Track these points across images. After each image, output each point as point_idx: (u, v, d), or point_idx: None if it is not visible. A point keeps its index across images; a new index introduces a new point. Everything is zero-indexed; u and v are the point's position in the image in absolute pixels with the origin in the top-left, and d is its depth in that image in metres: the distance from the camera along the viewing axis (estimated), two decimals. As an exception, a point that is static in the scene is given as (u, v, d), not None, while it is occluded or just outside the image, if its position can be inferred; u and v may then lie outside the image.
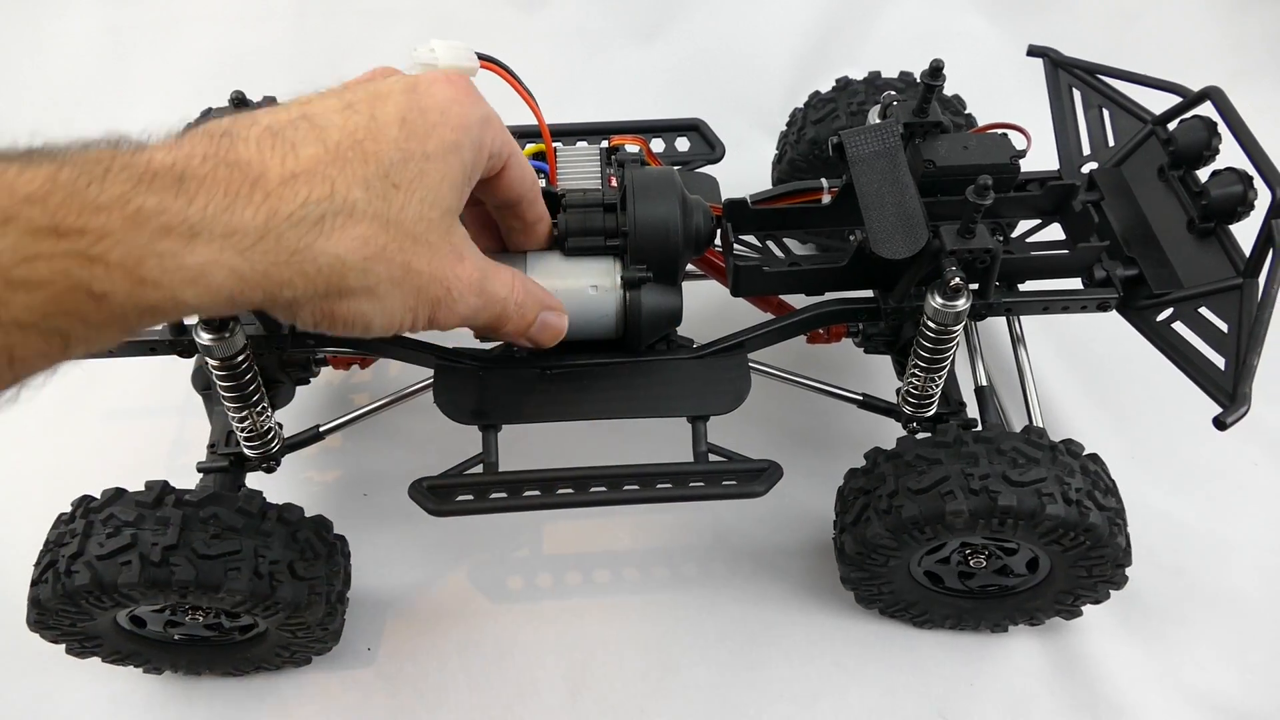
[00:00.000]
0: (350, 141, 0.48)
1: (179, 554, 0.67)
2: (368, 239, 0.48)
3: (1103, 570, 0.74)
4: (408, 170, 0.50)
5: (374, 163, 0.49)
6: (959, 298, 0.65)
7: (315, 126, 0.48)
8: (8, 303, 0.38)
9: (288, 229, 0.45)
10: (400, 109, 0.51)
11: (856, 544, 0.74)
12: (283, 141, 0.47)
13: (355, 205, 0.48)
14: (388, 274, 0.50)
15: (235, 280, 0.44)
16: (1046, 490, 0.68)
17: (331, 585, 0.76)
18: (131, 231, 0.41)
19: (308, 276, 0.47)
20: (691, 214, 0.68)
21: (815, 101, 0.98)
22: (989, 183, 0.62)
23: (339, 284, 0.49)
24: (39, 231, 0.38)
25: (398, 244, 0.50)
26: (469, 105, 0.54)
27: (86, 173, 0.40)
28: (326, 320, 0.50)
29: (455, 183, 0.54)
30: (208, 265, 0.43)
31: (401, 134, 0.50)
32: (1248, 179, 0.71)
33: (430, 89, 0.53)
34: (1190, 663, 0.84)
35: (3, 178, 0.38)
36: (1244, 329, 0.67)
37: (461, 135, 0.53)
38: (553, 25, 1.30)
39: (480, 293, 0.57)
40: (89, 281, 0.40)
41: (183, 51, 1.28)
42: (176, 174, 0.42)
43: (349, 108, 0.50)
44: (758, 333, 0.73)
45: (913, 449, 0.72)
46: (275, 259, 0.45)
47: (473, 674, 0.84)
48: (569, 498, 0.69)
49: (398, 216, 0.50)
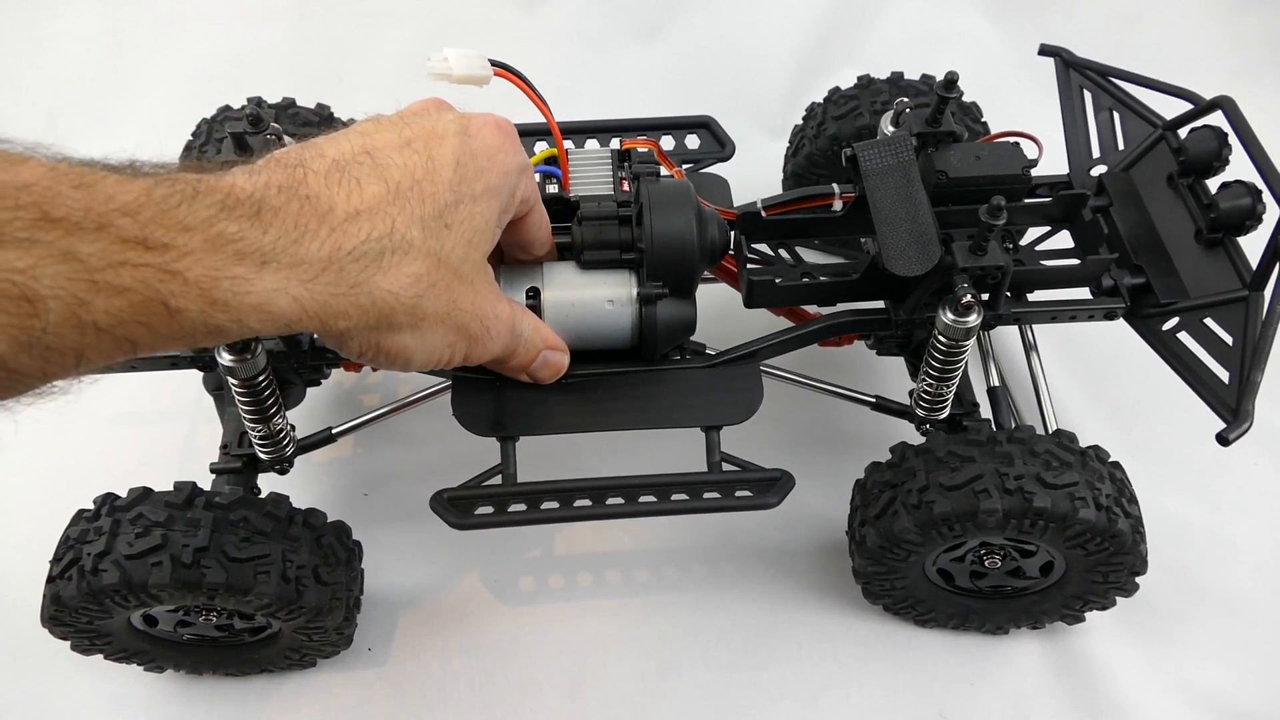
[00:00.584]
0: (410, 181, 0.52)
1: (210, 556, 0.67)
2: (420, 276, 0.52)
3: (1118, 577, 0.75)
4: (459, 212, 0.54)
5: (430, 203, 0.52)
6: (970, 314, 0.66)
7: (378, 165, 0.52)
8: (90, 304, 0.40)
9: (349, 263, 0.48)
10: (455, 152, 0.54)
11: (879, 537, 0.74)
12: (348, 178, 0.50)
13: (412, 244, 0.51)
14: (434, 309, 0.53)
15: (296, 308, 0.47)
16: (1079, 495, 0.68)
17: (350, 590, 0.77)
18: (210, 254, 0.43)
19: (362, 309, 0.50)
20: (706, 227, 0.68)
21: (837, 97, 0.98)
22: (1002, 204, 0.62)
23: (389, 318, 0.51)
24: (129, 241, 0.41)
25: (445, 282, 0.53)
26: (511, 154, 0.58)
27: (178, 193, 0.43)
28: (372, 351, 0.53)
29: (493, 224, 0.57)
30: (275, 292, 0.46)
31: (455, 177, 0.54)
32: (1257, 193, 0.72)
33: (481, 133, 0.57)
34: (1190, 663, 0.85)
35: (102, 185, 0.41)
36: (1248, 343, 0.68)
37: (503, 181, 0.57)
38: (553, 25, 1.30)
39: (511, 332, 0.60)
40: (167, 295, 0.42)
41: (183, 51, 1.27)
42: (255, 203, 0.45)
43: (408, 145, 0.53)
44: (770, 342, 0.74)
45: (945, 445, 0.73)
46: (335, 290, 0.48)
47: (475, 674, 0.84)
48: (587, 510, 0.70)
49: (449, 255, 0.53)
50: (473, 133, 0.56)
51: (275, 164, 0.49)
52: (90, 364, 0.42)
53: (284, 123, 0.91)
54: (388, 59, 1.27)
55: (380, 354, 0.54)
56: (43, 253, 0.38)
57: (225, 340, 0.47)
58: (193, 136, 0.95)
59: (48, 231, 0.38)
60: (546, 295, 0.67)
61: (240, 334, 0.46)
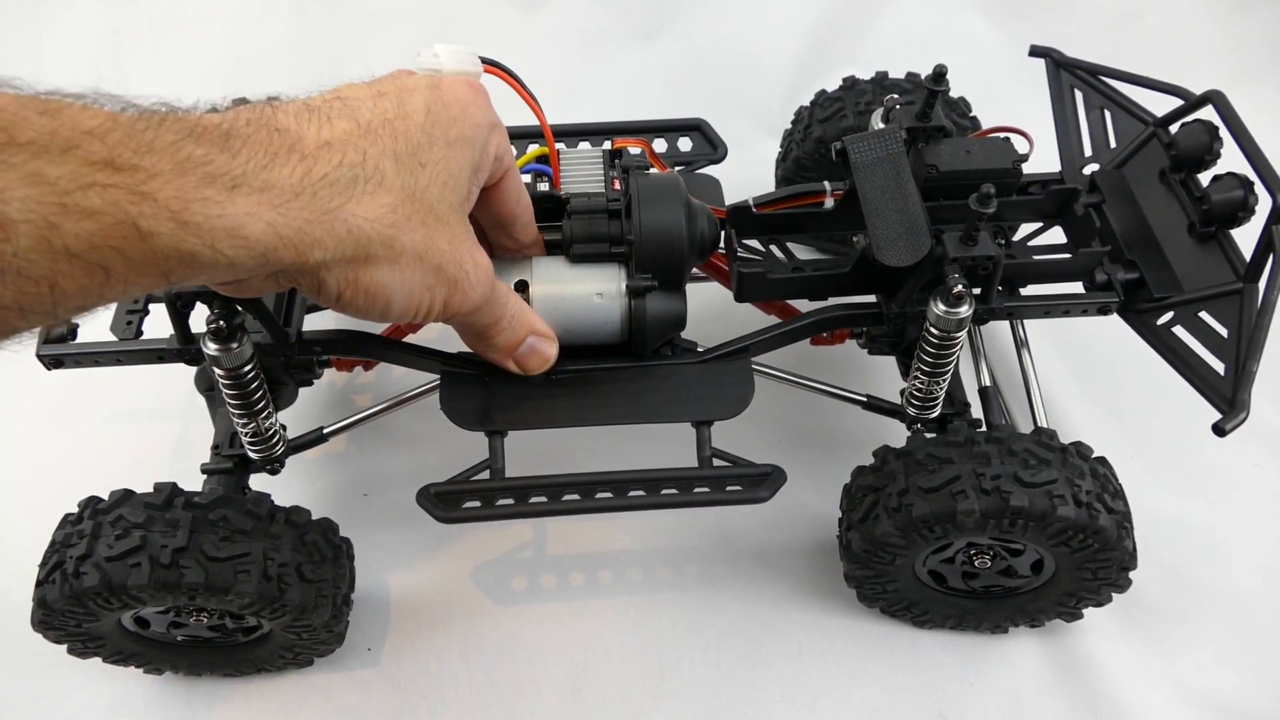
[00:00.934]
0: (381, 120, 0.52)
1: (189, 556, 0.67)
2: (395, 207, 0.52)
3: (1108, 573, 0.74)
4: (433, 152, 0.54)
5: (403, 140, 0.53)
6: (962, 304, 0.66)
7: (348, 106, 0.52)
8: (60, 228, 0.39)
9: (322, 188, 0.49)
10: (426, 100, 0.55)
11: (864, 541, 0.74)
12: (318, 115, 0.51)
13: (385, 175, 0.51)
14: (411, 245, 0.53)
15: (270, 234, 0.47)
16: (1058, 492, 0.68)
17: (338, 588, 0.77)
18: (179, 175, 0.43)
19: (338, 237, 0.50)
20: (696, 220, 0.68)
21: (822, 100, 0.98)
22: (992, 191, 0.62)
23: (366, 249, 0.51)
24: (96, 163, 0.40)
25: (421, 217, 0.53)
26: (483, 109, 0.59)
27: (144, 118, 0.43)
28: (350, 289, 0.53)
29: (468, 174, 0.57)
30: (246, 216, 0.46)
31: (427, 121, 0.54)
32: (1248, 184, 0.72)
33: (452, 88, 0.58)
34: (1190, 663, 0.84)
35: (67, 112, 0.40)
36: (1244, 334, 0.68)
37: (475, 132, 0.57)
38: (553, 25, 1.30)
39: (491, 284, 0.60)
40: (137, 217, 0.42)
41: (183, 51, 1.27)
42: (223, 131, 0.46)
43: (379, 95, 0.54)
44: (761, 338, 0.74)
45: (923, 447, 0.73)
46: (309, 216, 0.48)
47: (473, 674, 0.84)
48: (575, 504, 0.70)
49: (423, 192, 0.53)
50: (444, 87, 0.57)
51: (243, 106, 0.49)
52: (65, 296, 0.41)
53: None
54: (388, 59, 1.25)
55: (359, 292, 0.53)
56: (11, 176, 0.38)
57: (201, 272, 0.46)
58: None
59: (14, 154, 0.38)
60: (535, 289, 0.67)
61: (214, 261, 0.45)
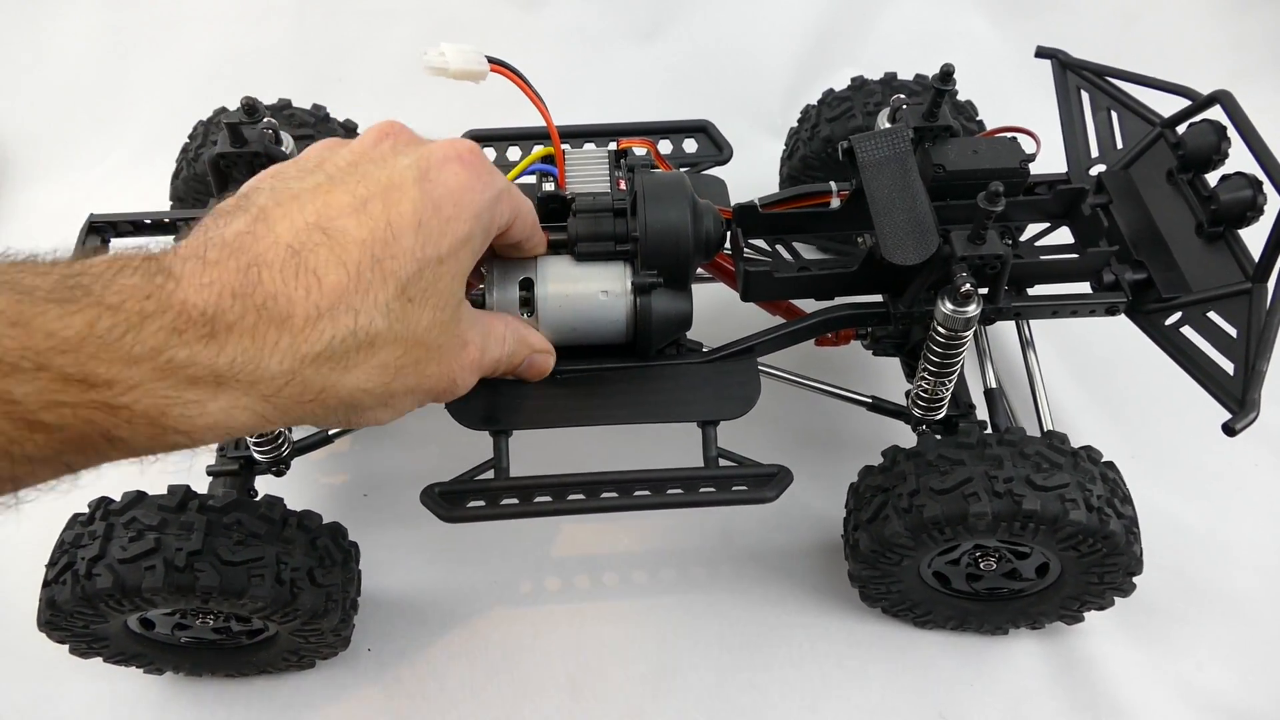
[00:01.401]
0: (370, 260, 0.48)
1: (204, 560, 0.67)
2: (387, 364, 0.50)
3: (1114, 578, 0.74)
4: (423, 280, 0.50)
5: (393, 281, 0.49)
6: (969, 304, 0.65)
7: (334, 244, 0.47)
8: (24, 441, 0.38)
9: (313, 372, 0.46)
10: (416, 208, 0.50)
11: (872, 541, 0.74)
12: (305, 270, 0.46)
13: (377, 335, 0.49)
14: (403, 387, 0.52)
15: (257, 420, 0.45)
16: (1070, 496, 0.68)
17: (346, 592, 0.77)
18: (160, 382, 0.41)
19: (329, 408, 0.49)
20: (702, 219, 0.68)
21: (830, 99, 0.98)
22: (1000, 189, 0.62)
23: (358, 407, 0.50)
24: (68, 380, 0.38)
25: (413, 359, 0.51)
26: (480, 190, 0.53)
27: (123, 321, 0.40)
28: (341, 425, 0.53)
29: (464, 272, 0.54)
30: (232, 410, 0.44)
31: (417, 242, 0.50)
32: (1257, 184, 0.72)
33: (442, 175, 0.52)
34: (1190, 663, 0.84)
35: (40, 321, 0.38)
36: (1253, 334, 0.67)
37: (473, 226, 0.53)
38: (553, 25, 1.30)
39: (479, 369, 0.58)
40: (109, 428, 0.40)
41: (183, 51, 1.27)
42: (208, 320, 0.43)
43: (364, 209, 0.49)
44: (767, 337, 0.73)
45: (935, 449, 0.72)
46: (300, 399, 0.46)
47: (475, 675, 0.84)
48: (580, 504, 0.69)
49: (414, 331, 0.51)
50: (433, 177, 0.51)
51: (229, 256, 0.45)
52: (27, 486, 0.40)
53: (280, 123, 0.90)
54: (388, 59, 1.27)
55: (350, 426, 0.53)
56: None
57: (176, 450, 0.45)
58: (189, 139, 0.95)
59: None
60: (540, 288, 0.67)
61: (192, 446, 0.44)
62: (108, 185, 1.21)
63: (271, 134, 0.75)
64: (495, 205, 0.55)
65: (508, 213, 0.58)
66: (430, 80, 0.67)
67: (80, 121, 1.25)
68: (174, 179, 0.95)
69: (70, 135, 1.24)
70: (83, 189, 1.20)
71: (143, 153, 1.23)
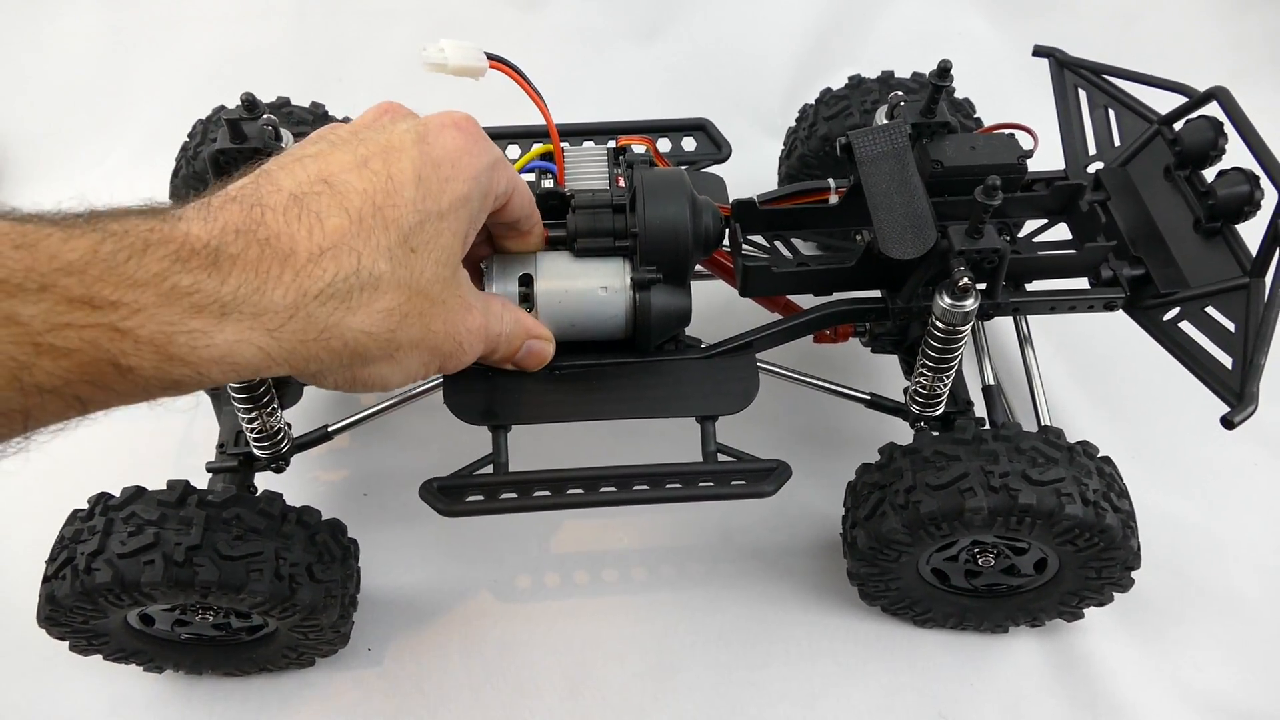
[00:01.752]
0: (371, 208, 0.49)
1: (202, 554, 0.67)
2: (391, 310, 0.50)
3: (1112, 573, 0.74)
4: (425, 232, 0.51)
5: (395, 229, 0.50)
6: (967, 298, 0.65)
7: (336, 193, 0.49)
8: (32, 367, 0.38)
9: (316, 307, 0.46)
10: (415, 165, 0.51)
11: (869, 538, 0.74)
12: (308, 213, 0.47)
13: (380, 277, 0.49)
14: (408, 338, 0.52)
15: (262, 357, 0.45)
16: (1065, 490, 0.68)
17: (345, 588, 0.77)
18: (164, 308, 0.41)
19: (334, 351, 0.48)
20: (701, 215, 0.68)
21: (828, 98, 0.98)
22: (997, 183, 0.62)
23: (363, 354, 0.50)
24: (74, 301, 0.39)
25: (417, 309, 0.52)
26: (477, 154, 0.55)
27: (127, 247, 0.40)
28: (348, 384, 0.52)
29: (463, 235, 0.55)
30: (237, 344, 0.44)
31: (418, 194, 0.51)
32: (1254, 179, 0.72)
33: (440, 138, 0.53)
34: (1190, 663, 0.84)
35: (45, 244, 0.39)
36: (1251, 328, 0.68)
37: (471, 187, 0.54)
38: (553, 25, 1.30)
39: (485, 338, 0.59)
40: (117, 355, 0.40)
41: (183, 51, 1.27)
42: (212, 251, 0.43)
43: (365, 165, 0.50)
44: (766, 333, 0.73)
45: (931, 445, 0.72)
46: (304, 336, 0.47)
47: (474, 673, 0.84)
48: (579, 498, 0.69)
49: (417, 281, 0.51)
50: (431, 140, 0.53)
51: (231, 202, 0.46)
52: (39, 424, 0.40)
53: (279, 121, 0.91)
54: (388, 59, 1.28)
55: (357, 384, 0.52)
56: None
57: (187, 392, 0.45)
58: (188, 138, 0.95)
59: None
60: (539, 284, 0.67)
61: (200, 385, 0.44)
62: (108, 185, 1.21)
63: (271, 130, 0.75)
64: (492, 171, 0.56)
65: (504, 182, 0.58)
66: (430, 80, 0.68)
67: (80, 121, 1.25)
68: (173, 177, 0.95)
69: (70, 135, 1.25)
70: (83, 189, 1.20)
71: (143, 153, 1.23)
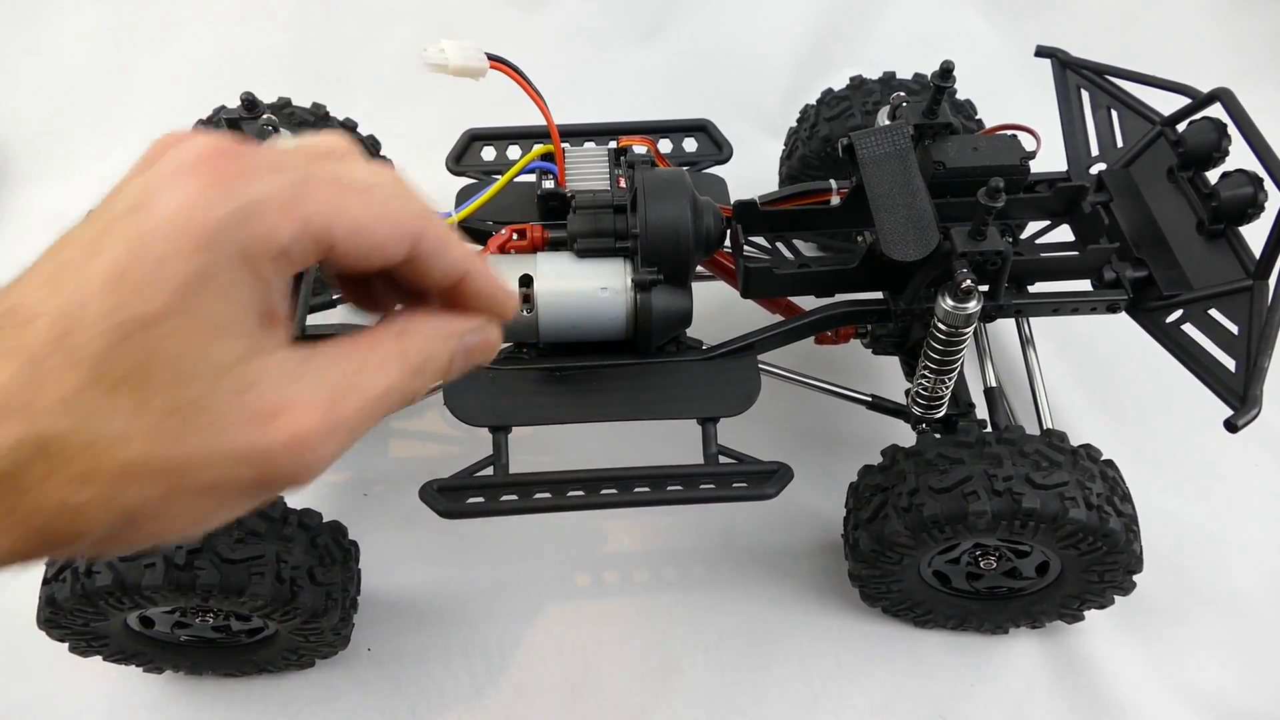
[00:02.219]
0: (53, 340, 0.34)
1: (203, 557, 0.67)
2: (88, 473, 0.35)
3: (1114, 576, 0.74)
4: (129, 356, 0.35)
5: (83, 366, 0.34)
6: (970, 300, 0.65)
7: (18, 324, 0.35)
8: None
9: None
10: (115, 258, 0.35)
11: (872, 540, 0.74)
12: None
13: (61, 441, 0.34)
14: (140, 496, 0.35)
15: None
16: (1069, 494, 0.68)
17: (346, 591, 0.76)
18: None
19: (41, 535, 0.35)
20: (702, 215, 0.68)
21: (829, 99, 0.98)
22: (1000, 185, 0.61)
23: (83, 532, 0.35)
24: None
25: (144, 457, 0.35)
26: (215, 205, 0.35)
27: None
28: (125, 550, 0.37)
29: (223, 324, 0.36)
30: None
31: (112, 302, 0.34)
32: (1258, 180, 0.72)
33: (162, 198, 0.35)
34: (1190, 663, 0.84)
35: None
36: (1254, 331, 0.67)
37: (206, 259, 0.35)
38: (553, 25, 1.30)
39: (333, 429, 0.37)
40: None
41: (183, 51, 1.27)
42: None
43: (59, 274, 0.35)
44: (767, 334, 0.73)
45: (934, 447, 0.72)
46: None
47: (475, 674, 0.84)
48: (580, 500, 0.69)
49: (130, 426, 0.35)
50: (150, 203, 0.35)
51: None
52: None
53: (280, 122, 0.91)
54: (388, 59, 1.27)
55: (133, 549, 0.37)
56: None
57: None
58: (189, 138, 0.94)
59: None
60: (539, 284, 0.67)
61: None
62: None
63: (271, 130, 0.75)
64: (248, 222, 0.36)
65: (292, 228, 0.36)
66: (430, 80, 0.67)
67: (80, 121, 1.25)
68: (174, 177, 0.94)
69: (70, 135, 1.24)
70: (83, 189, 1.20)
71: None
